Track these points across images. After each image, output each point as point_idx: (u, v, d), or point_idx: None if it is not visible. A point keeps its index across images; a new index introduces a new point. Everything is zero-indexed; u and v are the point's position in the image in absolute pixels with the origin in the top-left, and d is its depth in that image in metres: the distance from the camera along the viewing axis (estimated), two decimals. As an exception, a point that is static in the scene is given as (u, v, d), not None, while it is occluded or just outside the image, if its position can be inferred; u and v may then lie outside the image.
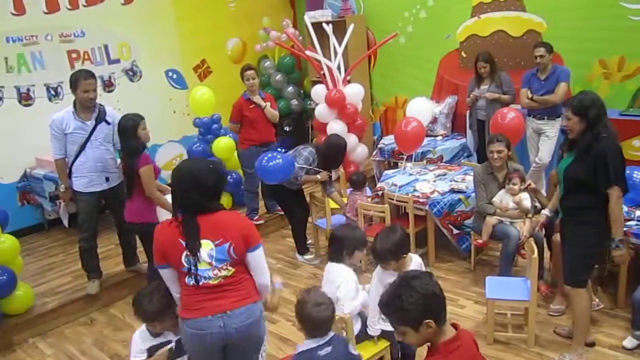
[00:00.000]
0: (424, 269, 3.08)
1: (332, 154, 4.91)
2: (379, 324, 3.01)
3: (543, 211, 3.77)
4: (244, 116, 5.42)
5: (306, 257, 5.17)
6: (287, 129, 7.65)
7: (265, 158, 4.56)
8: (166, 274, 2.48)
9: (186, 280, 2.40)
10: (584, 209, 3.09)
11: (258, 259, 2.48)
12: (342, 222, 5.00)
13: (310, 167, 4.80)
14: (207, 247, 2.37)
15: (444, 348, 1.85)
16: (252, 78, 5.37)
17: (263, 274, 2.52)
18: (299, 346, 2.44)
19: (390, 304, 1.85)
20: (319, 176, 4.88)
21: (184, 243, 2.36)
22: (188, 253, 2.36)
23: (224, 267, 2.40)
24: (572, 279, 3.20)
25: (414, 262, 3.05)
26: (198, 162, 2.62)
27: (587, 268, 3.24)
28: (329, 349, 2.37)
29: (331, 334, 2.43)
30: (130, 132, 3.93)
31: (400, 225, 3.19)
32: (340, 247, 3.11)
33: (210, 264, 2.37)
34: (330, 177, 5.02)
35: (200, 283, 2.38)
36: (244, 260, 2.45)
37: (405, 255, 2.97)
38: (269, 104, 5.45)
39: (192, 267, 2.36)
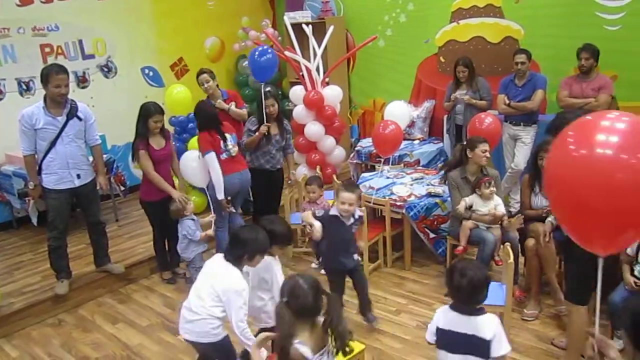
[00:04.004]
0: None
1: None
2: None
3: (548, 219, 3.74)
4: None
5: None
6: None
7: (257, 52, 5.25)
8: (211, 155, 4.39)
9: (222, 156, 4.49)
10: None
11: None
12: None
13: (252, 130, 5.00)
14: (229, 137, 4.55)
15: None
16: (206, 82, 5.20)
17: None
18: None
19: None
20: (256, 134, 4.92)
21: (220, 138, 4.49)
22: (222, 142, 4.49)
23: (235, 145, 4.59)
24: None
25: None
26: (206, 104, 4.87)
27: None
28: None
29: None
30: (141, 117, 4.39)
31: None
32: (242, 249, 2.88)
33: (232, 144, 4.55)
34: (266, 131, 4.95)
35: (230, 156, 4.54)
36: None
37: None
38: (233, 104, 5.32)
39: (225, 148, 4.51)
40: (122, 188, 6.09)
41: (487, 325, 2.42)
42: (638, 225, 1.88)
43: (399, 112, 6.11)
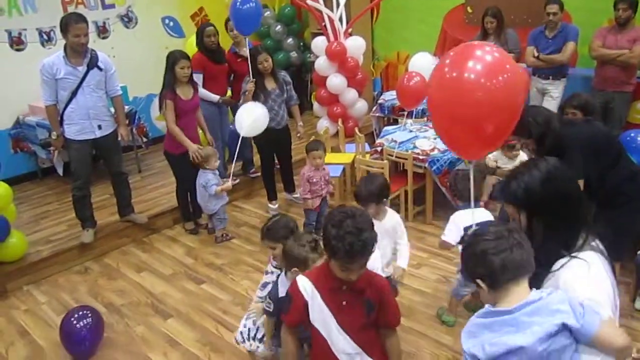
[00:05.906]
0: (402, 226, 3.23)
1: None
2: None
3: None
4: (232, 71, 5.25)
5: (270, 205, 5.23)
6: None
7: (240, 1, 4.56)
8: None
9: None
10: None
11: None
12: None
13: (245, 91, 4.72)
14: None
15: None
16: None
17: None
18: None
19: None
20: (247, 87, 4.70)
21: None
22: None
23: None
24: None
25: (390, 216, 3.17)
26: None
27: None
28: None
29: None
30: (168, 66, 4.34)
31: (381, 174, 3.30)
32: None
33: None
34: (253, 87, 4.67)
35: None
36: None
37: (385, 201, 3.12)
38: None
39: None
40: (145, 139, 6.11)
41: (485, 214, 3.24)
42: (495, 134, 2.30)
43: (424, 64, 5.92)
